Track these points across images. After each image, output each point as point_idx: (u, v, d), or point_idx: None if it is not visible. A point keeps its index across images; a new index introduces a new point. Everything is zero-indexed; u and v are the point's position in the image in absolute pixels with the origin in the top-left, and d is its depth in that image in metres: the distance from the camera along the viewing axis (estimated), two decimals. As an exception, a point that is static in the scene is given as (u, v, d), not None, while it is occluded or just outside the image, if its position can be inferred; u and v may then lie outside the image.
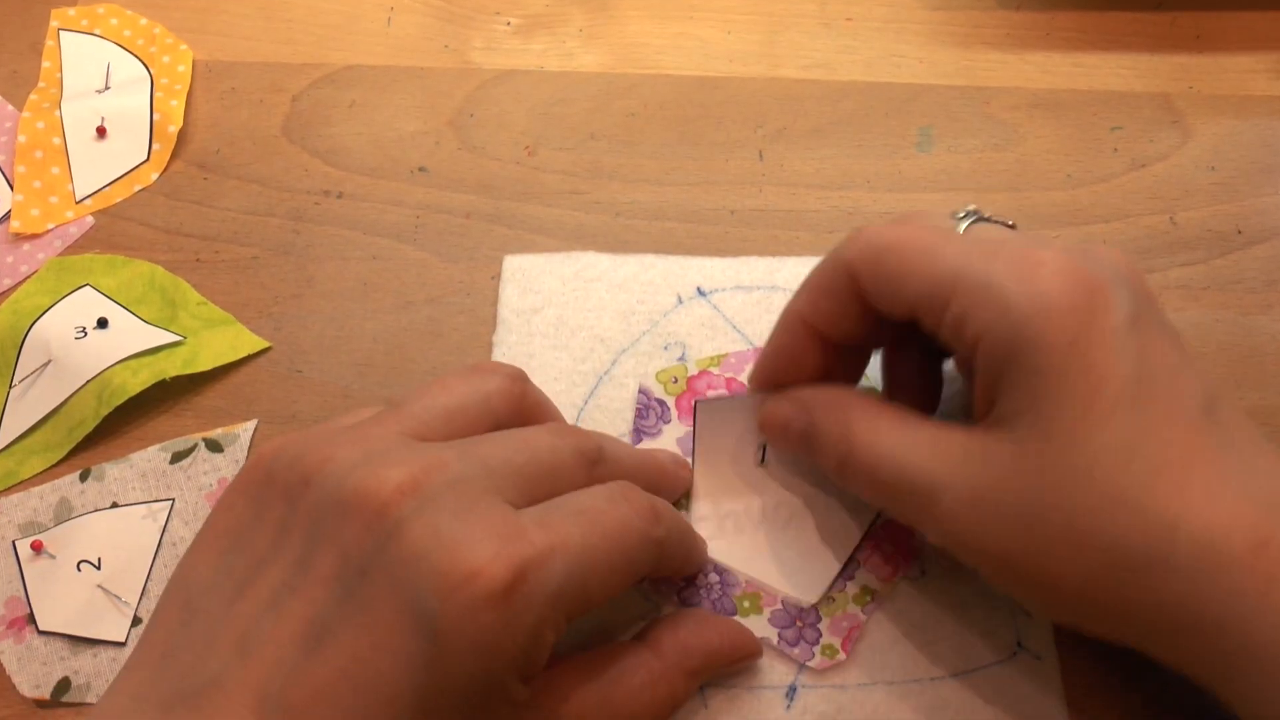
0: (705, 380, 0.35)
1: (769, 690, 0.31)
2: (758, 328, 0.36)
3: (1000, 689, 0.31)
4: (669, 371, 0.35)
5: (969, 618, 0.31)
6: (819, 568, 0.32)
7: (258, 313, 0.38)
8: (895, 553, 0.32)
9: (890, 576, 0.32)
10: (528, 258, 0.38)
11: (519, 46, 0.44)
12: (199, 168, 0.41)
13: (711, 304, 0.37)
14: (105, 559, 0.33)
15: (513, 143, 0.41)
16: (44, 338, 0.36)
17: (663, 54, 0.43)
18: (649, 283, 0.37)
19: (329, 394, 0.36)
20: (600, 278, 0.37)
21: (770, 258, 0.38)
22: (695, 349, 0.36)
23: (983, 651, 0.31)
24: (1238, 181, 0.40)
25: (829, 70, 0.43)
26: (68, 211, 0.40)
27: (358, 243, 0.39)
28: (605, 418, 0.35)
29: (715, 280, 0.37)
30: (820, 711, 0.30)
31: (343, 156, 0.41)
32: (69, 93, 0.42)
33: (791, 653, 0.31)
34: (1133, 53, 0.43)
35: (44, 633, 0.32)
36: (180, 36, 0.44)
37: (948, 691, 0.31)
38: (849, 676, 0.31)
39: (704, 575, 0.32)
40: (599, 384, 0.35)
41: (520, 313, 0.37)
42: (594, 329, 0.36)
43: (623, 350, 0.36)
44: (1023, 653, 0.31)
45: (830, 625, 0.31)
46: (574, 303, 0.37)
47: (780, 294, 0.37)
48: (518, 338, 0.36)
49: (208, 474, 0.35)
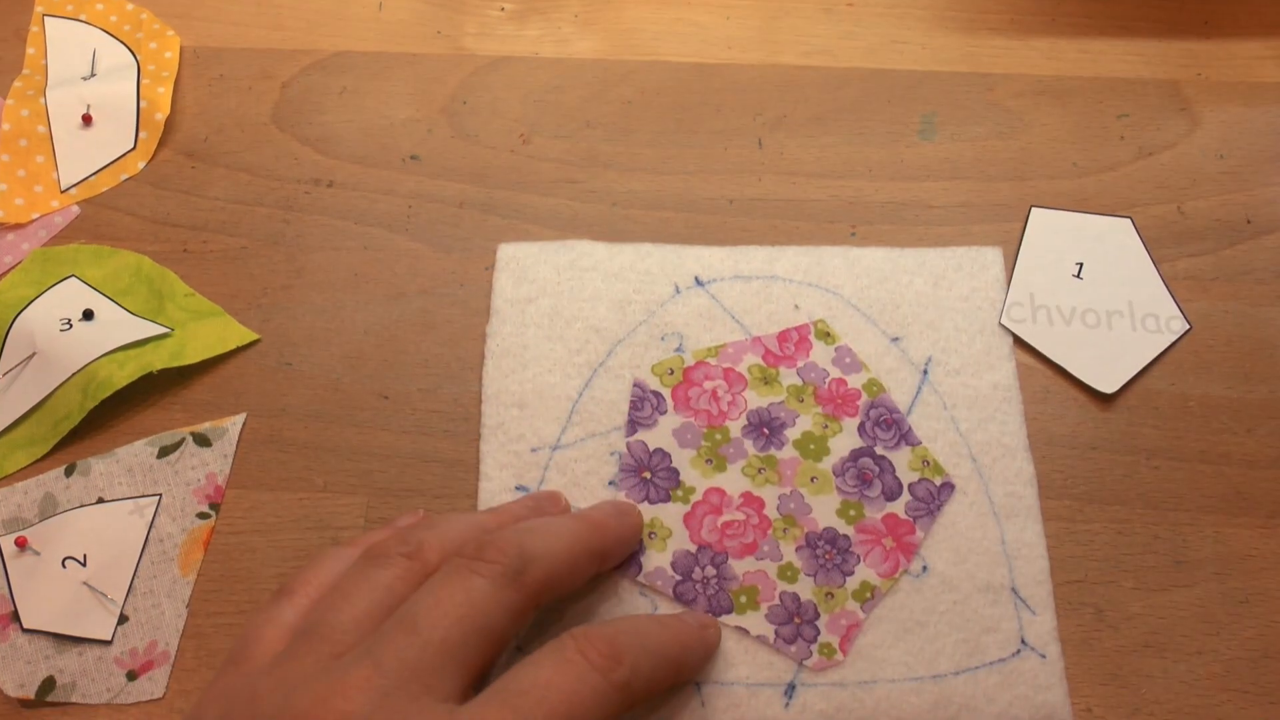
0: (702, 370, 0.35)
1: (767, 688, 0.30)
2: (757, 317, 0.36)
3: (1004, 686, 0.30)
4: (665, 364, 0.35)
5: (971, 614, 0.31)
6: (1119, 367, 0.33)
7: (247, 304, 0.37)
8: (896, 548, 0.32)
9: (890, 573, 0.32)
10: (522, 246, 0.37)
11: (513, 32, 0.43)
12: (187, 156, 0.40)
13: (709, 294, 0.36)
14: (91, 555, 0.32)
15: (507, 130, 0.40)
16: (28, 330, 0.35)
17: (660, 40, 0.43)
18: (645, 272, 0.36)
19: (319, 387, 0.35)
20: (596, 267, 0.37)
21: (769, 247, 0.37)
22: (693, 339, 0.35)
23: (986, 649, 0.31)
24: (1247, 170, 0.39)
25: (830, 56, 0.42)
26: (53, 201, 0.39)
27: (349, 232, 0.38)
28: (600, 410, 0.34)
29: (713, 269, 0.37)
30: (819, 710, 0.30)
31: (333, 144, 0.40)
32: (54, 80, 0.41)
33: (788, 651, 0.31)
34: (1140, 39, 0.42)
35: (28, 631, 0.31)
36: (167, 22, 0.43)
37: (950, 689, 0.30)
38: (849, 674, 0.30)
39: (700, 570, 0.32)
40: (594, 375, 0.35)
41: (514, 302, 0.36)
42: (589, 319, 0.36)
43: (619, 341, 0.35)
44: (1026, 650, 0.31)
45: (829, 623, 0.31)
46: (569, 292, 0.36)
47: (779, 283, 0.36)
48: (512, 328, 0.36)
49: (195, 469, 0.34)
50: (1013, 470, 0.33)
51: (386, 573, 0.27)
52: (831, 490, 0.33)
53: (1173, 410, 0.35)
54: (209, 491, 0.34)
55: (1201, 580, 0.32)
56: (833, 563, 0.32)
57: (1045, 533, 0.32)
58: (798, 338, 0.35)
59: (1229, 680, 0.31)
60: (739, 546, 0.32)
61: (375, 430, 0.35)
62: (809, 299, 0.36)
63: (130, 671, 0.31)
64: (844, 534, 0.32)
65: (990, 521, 0.32)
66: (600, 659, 0.26)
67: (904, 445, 0.34)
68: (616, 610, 0.31)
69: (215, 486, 0.34)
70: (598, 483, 0.33)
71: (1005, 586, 0.31)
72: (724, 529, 0.32)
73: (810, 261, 0.37)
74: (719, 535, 0.32)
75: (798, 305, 0.36)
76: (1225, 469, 0.34)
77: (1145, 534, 0.33)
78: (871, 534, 0.32)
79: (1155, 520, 0.33)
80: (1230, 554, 0.32)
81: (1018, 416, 0.34)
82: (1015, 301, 0.36)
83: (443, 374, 0.36)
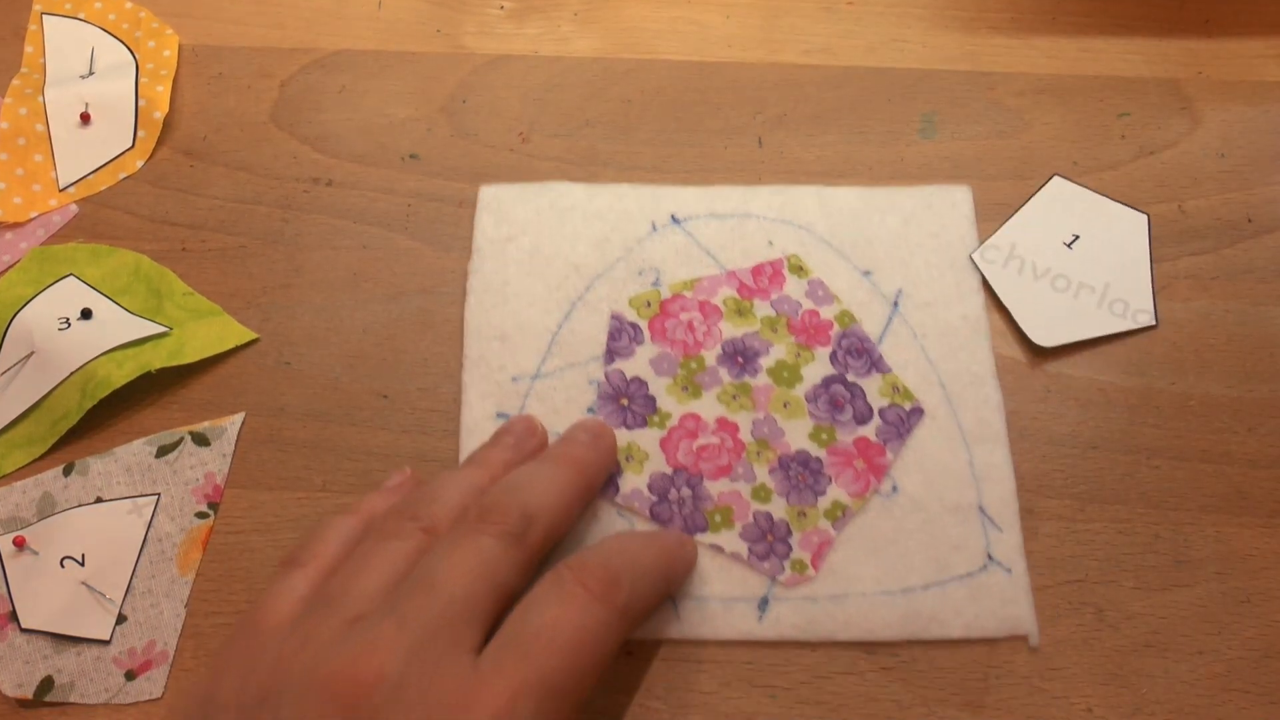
0: (679, 303, 0.36)
1: (741, 602, 0.31)
2: (731, 254, 0.37)
3: (971, 600, 0.31)
4: (642, 297, 0.36)
5: (940, 532, 0.32)
6: (1063, 330, 0.35)
7: (245, 303, 0.37)
8: (866, 469, 0.33)
9: (861, 492, 0.33)
10: (503, 187, 0.38)
11: (512, 31, 0.43)
12: (185, 155, 0.40)
13: (685, 231, 0.37)
14: (89, 555, 0.32)
15: (506, 129, 0.40)
16: (27, 329, 0.35)
17: (660, 38, 0.42)
18: (623, 211, 0.38)
19: (318, 386, 0.35)
20: (575, 207, 0.38)
21: (744, 187, 0.38)
22: (669, 274, 0.36)
23: (953, 564, 0.32)
24: (1248, 169, 0.39)
25: (830, 55, 0.42)
26: (51, 200, 0.39)
27: (348, 231, 0.38)
28: (579, 342, 0.35)
29: (689, 208, 0.38)
30: (792, 623, 0.31)
31: (332, 143, 0.40)
32: (52, 78, 0.41)
33: (761, 567, 0.32)
34: (1141, 37, 0.42)
35: (26, 630, 0.31)
36: (166, 20, 0.43)
37: (918, 602, 0.31)
38: (820, 589, 0.31)
39: (676, 491, 0.33)
40: (573, 309, 0.36)
41: (495, 241, 0.37)
42: (569, 256, 0.37)
43: (597, 276, 0.36)
44: (993, 565, 0.32)
45: (801, 540, 0.32)
46: (549, 231, 0.37)
47: (754, 220, 0.37)
48: (493, 265, 0.37)
49: (194, 468, 0.34)
50: (981, 397, 0.34)
51: (402, 544, 0.28)
52: (804, 415, 0.34)
53: (1173, 409, 0.35)
54: (208, 491, 0.34)
55: (1203, 580, 0.32)
56: (805, 483, 0.33)
57: (1045, 531, 0.32)
58: (771, 271, 0.36)
59: (1230, 680, 0.30)
60: (714, 469, 0.33)
61: (374, 429, 0.35)
62: (783, 236, 0.37)
63: (129, 671, 0.31)
64: (816, 456, 0.33)
65: (959, 445, 0.33)
66: (600, 586, 0.27)
67: (875, 372, 0.35)
68: (596, 530, 0.32)
69: (214, 486, 0.34)
70: (577, 410, 0.34)
71: (973, 506, 0.33)
72: (699, 452, 0.33)
73: (784, 200, 0.38)
74: (694, 458, 0.33)
75: (771, 241, 0.37)
76: (1226, 468, 0.34)
77: (1146, 533, 0.33)
78: (843, 456, 0.33)
79: (1156, 520, 0.33)
80: (1231, 553, 0.32)
81: (986, 347, 0.35)
82: (994, 245, 0.37)
83: (442, 373, 0.35)
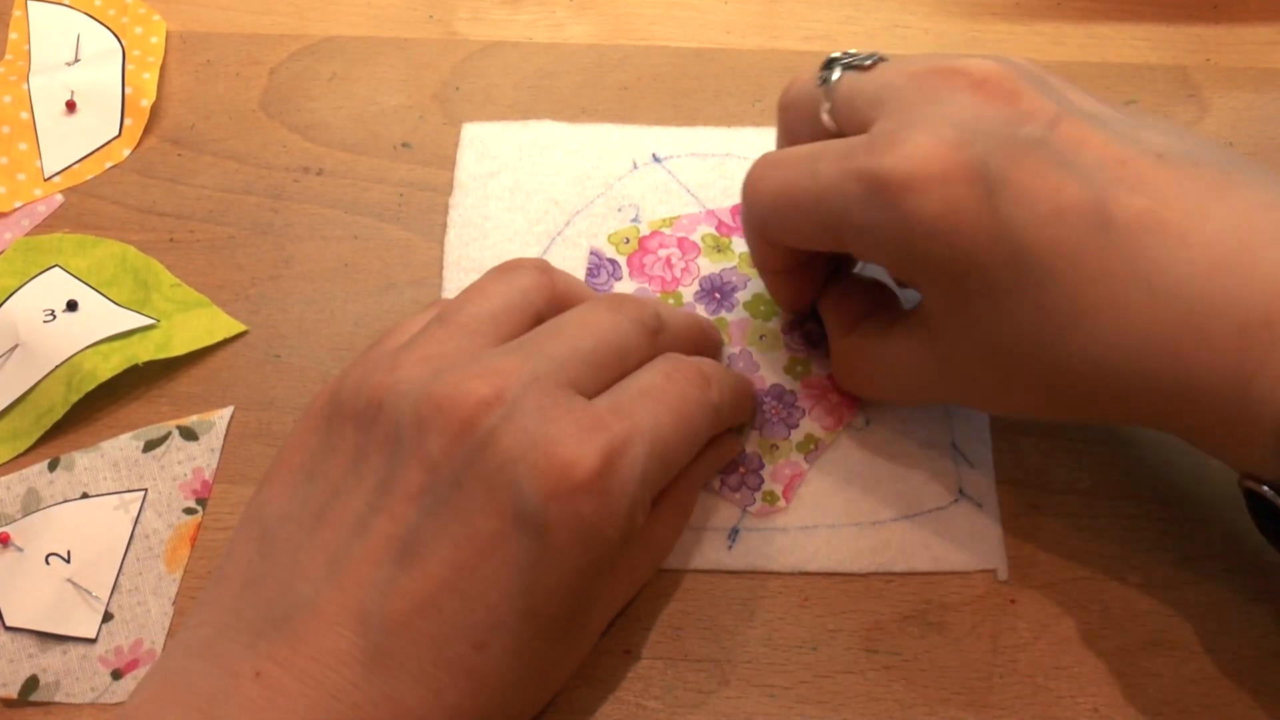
0: (657, 240, 0.36)
1: (712, 531, 0.32)
2: (712, 192, 0.37)
3: (940, 532, 0.32)
4: (621, 233, 0.36)
5: (911, 467, 0.32)
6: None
7: (234, 295, 0.36)
8: (840, 403, 0.33)
9: (834, 426, 0.33)
10: (485, 125, 0.39)
11: (506, 17, 0.42)
12: (173, 144, 0.39)
13: (666, 169, 0.37)
14: (75, 552, 0.32)
15: (500, 117, 0.40)
16: (11, 321, 0.35)
17: (656, 24, 0.42)
18: (605, 149, 0.38)
19: (308, 379, 0.35)
20: (557, 144, 0.38)
21: (727, 128, 0.39)
22: (649, 212, 0.37)
23: (924, 498, 0.32)
24: (1256, 156, 0.38)
25: (830, 42, 0.41)
26: (36, 189, 0.38)
27: (338, 222, 0.38)
28: None
29: (671, 148, 0.38)
30: (762, 552, 0.31)
31: (323, 132, 0.39)
32: (37, 65, 0.40)
33: (733, 497, 0.32)
34: (1147, 23, 0.42)
35: (10, 629, 0.31)
36: (153, 6, 0.42)
37: (888, 534, 0.32)
38: (790, 519, 0.32)
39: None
40: (552, 244, 0.36)
41: (477, 177, 0.37)
42: (549, 192, 0.37)
43: (576, 212, 0.37)
44: (964, 499, 0.32)
45: (773, 472, 0.32)
46: (530, 168, 0.38)
47: (736, 161, 0.38)
48: (474, 200, 0.37)
49: (182, 463, 0.33)
50: None
51: (522, 278, 0.29)
52: (780, 348, 0.34)
53: (1180, 403, 0.34)
54: (196, 486, 0.33)
55: (1210, 577, 0.31)
56: (778, 417, 0.33)
57: (1050, 527, 0.32)
58: None
59: (1239, 679, 0.30)
60: None
61: (366, 424, 0.34)
62: None
63: (115, 670, 0.31)
64: (790, 389, 0.33)
65: None
66: (699, 380, 0.28)
67: None
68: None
69: (202, 481, 0.33)
70: None
71: (946, 442, 0.33)
72: None
73: (767, 142, 0.37)
74: None
75: None
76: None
77: (1153, 530, 0.32)
78: (817, 389, 0.33)
79: (1163, 516, 0.32)
80: (1240, 550, 0.32)
81: None
82: None
83: (435, 366, 0.35)
